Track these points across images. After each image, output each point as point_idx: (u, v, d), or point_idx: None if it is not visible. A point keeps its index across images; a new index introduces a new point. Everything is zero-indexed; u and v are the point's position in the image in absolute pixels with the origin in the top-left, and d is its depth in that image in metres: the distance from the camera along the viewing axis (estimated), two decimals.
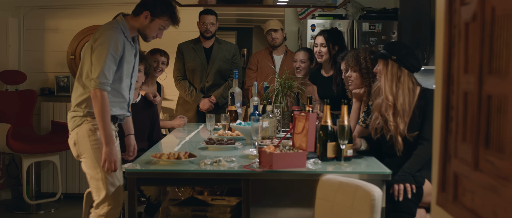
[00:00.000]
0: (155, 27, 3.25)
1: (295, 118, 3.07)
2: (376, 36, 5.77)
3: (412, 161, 3.09)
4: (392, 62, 3.11)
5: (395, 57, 3.10)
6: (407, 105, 3.09)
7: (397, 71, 3.10)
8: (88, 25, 6.04)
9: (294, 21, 6.57)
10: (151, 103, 4.26)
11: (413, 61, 3.13)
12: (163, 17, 3.23)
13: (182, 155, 2.94)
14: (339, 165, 2.94)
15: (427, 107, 3.11)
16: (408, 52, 3.13)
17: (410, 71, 3.12)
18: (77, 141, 3.22)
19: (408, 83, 3.11)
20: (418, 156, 3.10)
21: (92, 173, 3.20)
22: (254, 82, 4.35)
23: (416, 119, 3.12)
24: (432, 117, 3.10)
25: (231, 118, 4.04)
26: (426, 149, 3.10)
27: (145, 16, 3.23)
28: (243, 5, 6.81)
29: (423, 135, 3.11)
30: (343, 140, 2.93)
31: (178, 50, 5.36)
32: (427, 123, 3.11)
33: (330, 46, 4.35)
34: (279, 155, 2.79)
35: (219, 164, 2.89)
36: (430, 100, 3.11)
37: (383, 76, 3.15)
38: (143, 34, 3.29)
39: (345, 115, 2.98)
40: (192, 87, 5.29)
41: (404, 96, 3.09)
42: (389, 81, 3.11)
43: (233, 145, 3.42)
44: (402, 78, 3.10)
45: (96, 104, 3.06)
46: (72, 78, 6.06)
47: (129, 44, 3.23)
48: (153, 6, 3.22)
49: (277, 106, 4.06)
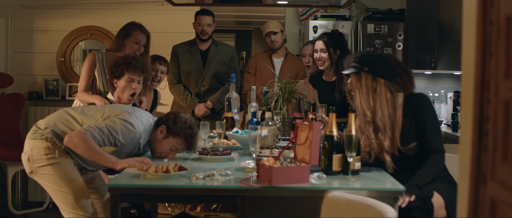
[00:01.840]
0: (167, 146, 3.19)
1: (297, 127, 2.77)
2: (381, 39, 5.52)
3: (423, 172, 2.81)
4: (365, 74, 2.88)
5: (368, 68, 2.87)
6: (387, 118, 2.85)
7: (372, 82, 2.88)
8: (79, 25, 5.87)
9: (295, 22, 6.38)
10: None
11: (387, 69, 2.89)
12: (178, 138, 3.17)
13: (171, 168, 2.65)
14: (346, 180, 2.65)
15: (419, 114, 2.87)
16: (380, 60, 2.90)
17: (386, 79, 2.87)
18: (31, 158, 3.11)
19: (386, 93, 2.87)
20: (432, 166, 2.82)
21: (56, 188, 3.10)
22: (253, 86, 4.08)
23: (407, 129, 2.87)
24: (434, 124, 2.88)
25: (227, 126, 3.75)
26: (440, 160, 2.85)
27: (160, 130, 3.18)
28: (242, 5, 6.60)
29: (429, 146, 2.86)
30: (351, 151, 2.64)
31: (173, 53, 5.15)
32: (430, 132, 2.86)
33: (331, 51, 4.06)
34: (279, 169, 2.50)
35: (212, 179, 2.60)
36: (419, 105, 2.87)
37: (357, 91, 2.92)
38: (151, 147, 3.25)
39: (353, 124, 2.69)
40: (187, 91, 5.07)
41: (383, 108, 2.85)
42: (365, 95, 2.88)
43: (229, 156, 3.13)
44: (378, 89, 2.87)
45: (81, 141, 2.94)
46: (62, 81, 5.88)
47: (136, 148, 3.21)
48: (172, 123, 3.18)
49: (277, 112, 3.76)
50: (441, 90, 5.66)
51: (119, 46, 4.12)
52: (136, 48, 4.12)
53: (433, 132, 2.86)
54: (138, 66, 3.66)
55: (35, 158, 3.10)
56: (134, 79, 3.66)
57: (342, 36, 4.14)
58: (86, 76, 4.05)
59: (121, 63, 3.64)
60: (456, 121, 4.90)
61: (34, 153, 3.10)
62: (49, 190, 3.15)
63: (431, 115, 2.89)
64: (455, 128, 4.88)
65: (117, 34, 4.20)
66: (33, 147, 3.11)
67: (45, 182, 3.13)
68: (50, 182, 3.10)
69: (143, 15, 5.76)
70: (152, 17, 5.81)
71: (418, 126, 2.87)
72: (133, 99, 3.70)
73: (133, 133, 3.08)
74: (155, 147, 3.22)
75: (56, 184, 3.08)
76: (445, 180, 2.95)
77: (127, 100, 3.67)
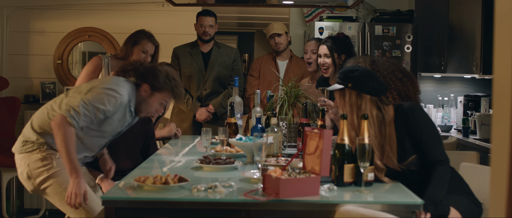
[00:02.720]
0: (155, 103, 3.09)
1: (306, 135, 2.58)
2: (389, 40, 5.37)
3: (433, 187, 2.59)
4: (350, 90, 2.69)
5: (351, 84, 2.67)
6: (373, 137, 2.64)
7: (357, 99, 2.68)
8: (77, 27, 5.77)
9: (300, 23, 6.25)
10: (146, 118, 3.78)
11: (373, 84, 2.68)
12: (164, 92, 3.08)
13: (171, 179, 2.46)
14: (359, 192, 2.46)
15: (413, 127, 2.66)
16: (365, 75, 2.69)
17: (372, 95, 2.68)
18: (31, 174, 2.94)
19: (371, 110, 2.67)
20: (441, 179, 2.62)
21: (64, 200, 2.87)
22: (257, 90, 3.91)
23: (402, 144, 2.67)
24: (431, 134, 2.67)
25: (230, 132, 3.57)
26: (446, 171, 2.65)
27: (144, 90, 3.06)
28: (245, 5, 6.49)
29: (431, 158, 2.65)
30: (364, 161, 2.45)
31: (173, 55, 5.03)
32: (429, 143, 2.66)
33: (335, 56, 3.89)
34: (287, 180, 2.31)
35: (215, 191, 2.41)
36: (411, 117, 2.67)
37: (341, 110, 2.74)
38: (137, 108, 3.11)
39: (366, 132, 2.51)
40: (188, 95, 4.93)
41: (369, 128, 2.62)
42: (348, 113, 2.68)
43: (232, 165, 2.95)
44: (363, 106, 2.67)
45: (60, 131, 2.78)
46: (59, 84, 5.78)
47: (128, 113, 3.06)
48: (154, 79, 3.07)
49: (282, 118, 3.58)
50: (451, 94, 5.50)
51: (126, 53, 4.00)
52: (143, 58, 4.01)
53: (432, 142, 2.66)
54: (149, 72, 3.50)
55: (35, 174, 2.93)
56: None
57: (348, 40, 3.98)
58: (86, 78, 3.89)
59: (128, 69, 3.47)
60: (467, 127, 4.73)
61: (31, 168, 2.94)
62: (58, 204, 2.98)
63: (426, 125, 2.69)
64: (466, 133, 4.71)
65: (125, 41, 4.09)
66: (29, 162, 2.95)
67: (51, 196, 2.96)
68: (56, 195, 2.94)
69: (143, 16, 5.68)
70: (152, 18, 5.72)
71: (414, 139, 2.67)
72: None
73: (120, 99, 2.92)
74: (142, 108, 3.09)
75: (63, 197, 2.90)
76: (461, 190, 2.76)
77: None
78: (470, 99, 5.15)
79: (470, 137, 4.62)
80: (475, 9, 4.70)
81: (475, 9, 4.69)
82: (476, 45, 4.65)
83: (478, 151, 4.01)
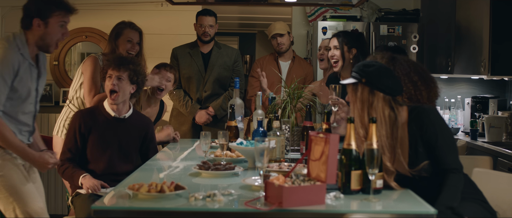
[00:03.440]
0: (55, 29, 2.90)
1: (311, 140, 2.43)
2: (395, 40, 5.28)
3: (449, 193, 2.45)
4: (362, 86, 2.55)
5: (365, 80, 2.53)
6: (384, 138, 2.50)
7: (369, 96, 2.53)
8: (74, 27, 5.65)
9: (303, 23, 6.16)
10: (145, 120, 3.64)
11: (388, 81, 2.54)
12: (56, 14, 2.89)
13: (167, 187, 2.32)
14: (367, 200, 2.31)
15: (428, 131, 2.52)
16: (382, 72, 2.56)
17: (386, 94, 2.53)
18: None
19: (383, 109, 2.52)
20: (455, 188, 2.48)
21: None
22: (258, 92, 3.77)
23: (415, 148, 2.54)
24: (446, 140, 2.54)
25: (230, 135, 3.43)
26: (460, 179, 2.50)
27: (37, 24, 2.87)
28: (246, 4, 6.41)
29: (445, 165, 2.51)
30: (373, 168, 2.30)
31: (172, 55, 4.92)
32: (443, 149, 2.52)
33: (344, 49, 3.78)
34: (291, 189, 2.16)
35: (213, 199, 2.26)
36: (427, 121, 2.53)
37: (352, 105, 2.59)
38: (45, 45, 2.92)
39: (374, 136, 2.36)
40: (187, 97, 4.83)
41: (380, 127, 2.50)
42: (359, 110, 2.54)
43: (232, 170, 2.80)
44: (375, 104, 2.53)
45: None
46: (56, 86, 5.70)
47: (26, 64, 2.88)
48: (38, 9, 2.88)
49: (285, 121, 3.43)
50: (458, 95, 5.38)
51: (112, 48, 3.89)
52: (130, 47, 3.91)
53: (447, 149, 2.52)
54: (117, 61, 3.40)
55: None
56: (112, 75, 3.38)
57: (361, 36, 3.88)
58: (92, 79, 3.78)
59: (105, 64, 3.39)
60: (475, 129, 4.60)
61: None
62: None
63: (441, 130, 2.54)
64: (474, 136, 4.58)
65: (109, 37, 3.99)
66: None
67: None
68: None
69: (141, 15, 5.55)
70: (151, 18, 5.64)
71: (428, 144, 2.52)
72: (114, 99, 3.38)
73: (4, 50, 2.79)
74: (47, 41, 2.90)
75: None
76: (474, 198, 2.61)
77: (110, 100, 3.40)
78: (478, 100, 5.05)
79: (479, 140, 4.50)
80: (483, 8, 4.60)
81: (483, 8, 4.59)
82: (484, 45, 4.55)
83: (488, 155, 3.89)
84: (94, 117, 3.43)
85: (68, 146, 3.40)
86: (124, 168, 3.44)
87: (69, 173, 3.34)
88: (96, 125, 3.41)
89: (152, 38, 5.47)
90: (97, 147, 3.39)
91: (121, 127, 3.45)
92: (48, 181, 5.51)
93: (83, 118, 3.41)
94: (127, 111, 3.48)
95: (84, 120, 3.40)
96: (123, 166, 3.45)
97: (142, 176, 2.85)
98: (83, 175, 3.30)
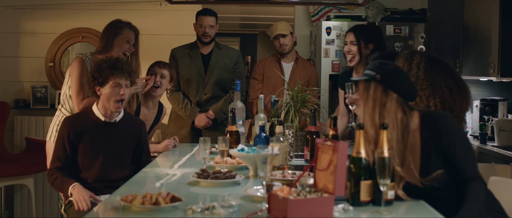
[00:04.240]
0: None
1: (318, 148, 2.27)
2: (401, 41, 5.15)
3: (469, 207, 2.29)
4: (376, 84, 2.39)
5: (380, 77, 2.37)
6: (395, 142, 2.35)
7: (382, 95, 2.38)
8: (70, 27, 5.70)
9: (306, 23, 6.07)
10: (137, 122, 3.49)
11: (404, 83, 2.39)
12: None
13: (162, 199, 2.16)
14: (378, 212, 2.15)
15: (445, 139, 2.36)
16: (398, 71, 2.41)
17: (400, 96, 2.38)
18: None
19: (396, 112, 2.37)
20: (477, 197, 2.31)
21: None
22: (260, 95, 3.63)
23: (427, 157, 2.38)
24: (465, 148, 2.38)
25: (231, 141, 3.27)
26: (482, 189, 2.34)
27: None
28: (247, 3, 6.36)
29: (465, 174, 2.35)
30: (384, 178, 2.13)
31: (171, 57, 4.81)
32: (462, 157, 2.36)
33: (361, 45, 3.71)
34: (296, 201, 2.00)
35: (212, 212, 2.10)
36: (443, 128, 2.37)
37: (363, 102, 2.43)
38: None
39: (385, 143, 2.20)
40: (186, 99, 4.71)
41: (392, 130, 2.35)
42: (370, 108, 2.39)
43: (233, 179, 2.64)
44: (388, 105, 2.37)
45: None
46: (51, 88, 5.65)
47: None
48: None
49: (288, 125, 3.27)
50: None
51: (106, 46, 3.72)
52: (127, 48, 3.77)
53: (466, 157, 2.36)
54: (125, 69, 3.23)
55: None
56: (121, 84, 3.21)
57: (378, 30, 3.80)
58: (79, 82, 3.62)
59: (104, 67, 3.19)
60: (485, 133, 4.46)
61: None
62: None
63: (459, 137, 2.38)
64: (484, 140, 4.43)
65: (103, 34, 3.81)
66: None
67: None
68: None
69: (139, 15, 5.53)
70: (149, 18, 5.60)
71: (444, 153, 2.37)
72: (120, 107, 3.24)
73: None
74: None
75: None
76: (491, 209, 2.46)
77: (114, 109, 3.24)
78: (487, 103, 4.92)
79: (488, 144, 4.36)
80: (492, 7, 4.48)
81: (492, 8, 4.47)
82: (493, 45, 4.43)
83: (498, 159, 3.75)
84: (83, 123, 3.27)
85: (57, 154, 3.25)
86: (118, 174, 3.29)
87: (58, 183, 3.19)
88: (86, 131, 3.26)
89: (150, 39, 5.42)
90: (89, 154, 3.24)
91: (112, 132, 3.30)
92: (44, 188, 5.46)
93: (72, 125, 3.25)
94: (118, 115, 3.32)
95: (73, 126, 3.25)
96: (117, 172, 3.30)
97: (136, 185, 2.69)
98: (72, 184, 3.14)
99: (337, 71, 5.13)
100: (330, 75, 5.15)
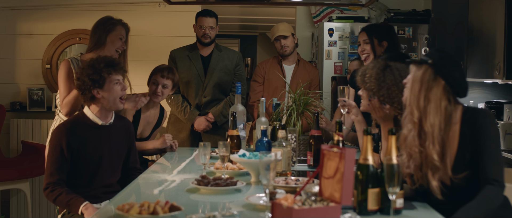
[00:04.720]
0: None
1: (323, 155, 2.17)
2: (405, 42, 5.11)
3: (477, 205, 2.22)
4: (427, 67, 2.37)
5: (432, 61, 2.35)
6: (437, 129, 2.31)
7: (429, 79, 2.35)
8: (67, 29, 5.68)
9: (307, 25, 6.05)
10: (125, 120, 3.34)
11: (456, 73, 2.35)
12: None
13: (160, 208, 2.06)
14: None
15: (480, 136, 2.30)
16: (453, 60, 2.39)
17: (448, 84, 2.34)
18: None
19: (441, 99, 2.34)
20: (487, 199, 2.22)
21: None
22: (262, 98, 3.54)
23: (462, 153, 2.32)
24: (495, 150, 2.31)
25: (232, 145, 3.18)
26: (497, 194, 2.25)
27: None
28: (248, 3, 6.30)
29: (486, 175, 2.27)
30: (393, 186, 2.04)
31: (170, 58, 4.74)
32: (489, 157, 2.28)
33: (375, 43, 3.69)
34: (301, 211, 1.91)
35: None
36: (484, 124, 2.31)
37: (409, 84, 2.42)
38: None
39: (393, 150, 2.11)
40: (186, 102, 4.64)
41: (434, 115, 2.32)
42: (416, 91, 2.37)
43: (234, 186, 2.55)
44: (434, 90, 2.34)
45: None
46: (48, 91, 5.60)
47: None
48: None
49: (291, 129, 3.18)
50: (470, 100, 5.18)
51: (98, 43, 3.64)
52: (120, 45, 3.70)
53: (493, 158, 2.29)
54: (121, 66, 3.13)
55: None
56: (121, 81, 3.10)
57: (391, 28, 3.77)
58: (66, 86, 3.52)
59: (101, 67, 3.02)
60: None
61: None
62: None
63: (494, 138, 2.31)
64: None
65: (95, 30, 3.71)
66: None
67: None
68: None
69: (138, 17, 5.50)
70: (148, 19, 5.57)
71: (475, 150, 2.29)
72: (123, 103, 3.12)
73: None
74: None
75: None
76: None
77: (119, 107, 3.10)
78: (492, 106, 4.87)
79: None
80: (497, 8, 4.41)
81: (497, 8, 4.40)
82: (498, 47, 4.36)
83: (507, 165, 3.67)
84: (81, 129, 3.06)
85: (55, 166, 2.98)
86: (115, 178, 3.17)
87: (63, 201, 2.92)
88: (86, 138, 3.05)
89: (149, 40, 5.35)
90: (91, 161, 3.05)
91: (110, 134, 3.14)
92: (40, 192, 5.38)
93: (70, 133, 3.01)
94: (111, 118, 3.18)
95: (71, 134, 3.01)
96: (114, 176, 3.17)
97: (134, 192, 2.60)
98: (83, 204, 2.88)
99: (340, 73, 5.06)
100: (332, 77, 5.08)
